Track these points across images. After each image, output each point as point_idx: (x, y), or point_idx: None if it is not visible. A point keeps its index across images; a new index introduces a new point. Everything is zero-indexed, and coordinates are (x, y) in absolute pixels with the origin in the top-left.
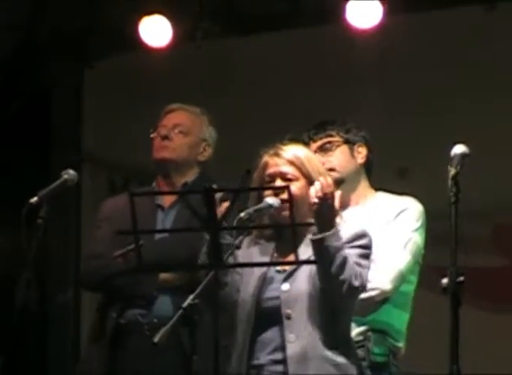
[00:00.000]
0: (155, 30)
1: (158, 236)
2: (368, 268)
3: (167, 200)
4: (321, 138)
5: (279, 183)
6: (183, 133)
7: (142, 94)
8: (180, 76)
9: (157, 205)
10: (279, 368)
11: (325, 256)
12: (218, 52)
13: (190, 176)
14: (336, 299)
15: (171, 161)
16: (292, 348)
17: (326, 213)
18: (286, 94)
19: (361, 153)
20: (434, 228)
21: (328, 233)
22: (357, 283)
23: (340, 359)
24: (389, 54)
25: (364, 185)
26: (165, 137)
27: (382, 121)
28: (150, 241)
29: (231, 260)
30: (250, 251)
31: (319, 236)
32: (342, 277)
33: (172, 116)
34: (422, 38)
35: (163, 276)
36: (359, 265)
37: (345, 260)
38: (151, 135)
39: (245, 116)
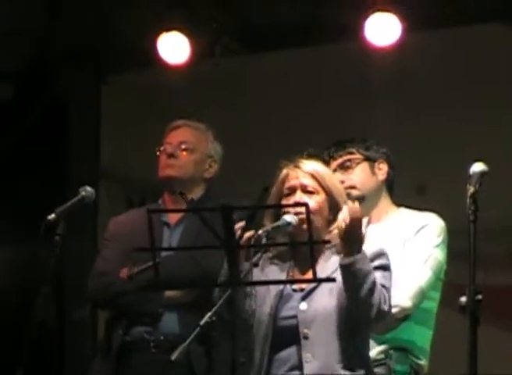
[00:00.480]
0: (173, 47)
1: (164, 254)
2: (390, 289)
3: (173, 217)
4: (341, 156)
5: (299, 195)
6: (188, 150)
7: (159, 110)
8: (198, 92)
9: (163, 222)
10: None
11: (354, 280)
12: (235, 69)
13: (197, 192)
14: (364, 323)
15: (177, 179)
16: (309, 368)
17: (354, 238)
18: (304, 110)
19: (382, 170)
20: (452, 246)
21: (357, 257)
22: (386, 307)
23: None
24: (407, 71)
25: (385, 202)
26: (171, 155)
27: (400, 138)
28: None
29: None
30: (265, 271)
31: (348, 260)
32: (371, 302)
33: (177, 133)
34: (440, 55)
35: (169, 293)
36: (384, 287)
37: (374, 284)
38: (157, 153)
39: (263, 132)
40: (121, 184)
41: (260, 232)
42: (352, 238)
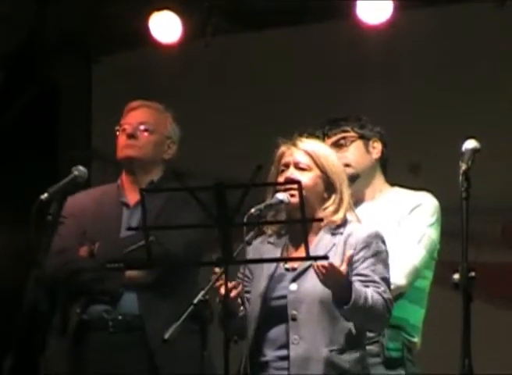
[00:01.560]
0: (165, 26)
1: (123, 234)
2: (389, 277)
3: (132, 198)
4: (335, 134)
5: (291, 170)
6: (148, 131)
7: (151, 91)
8: (189, 72)
9: (122, 202)
10: (285, 364)
11: (354, 317)
12: (227, 48)
13: (156, 174)
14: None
15: (137, 159)
16: (295, 350)
17: (335, 285)
18: (296, 90)
19: (376, 148)
20: (445, 224)
21: (349, 305)
22: (388, 315)
23: (344, 363)
24: (399, 49)
25: (379, 180)
26: (131, 136)
27: (393, 117)
28: (115, 238)
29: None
30: (260, 250)
31: (345, 309)
32: (376, 319)
33: (136, 114)
34: (432, 33)
35: (129, 273)
36: (386, 280)
37: (372, 306)
38: (116, 133)
39: (254, 112)
40: (114, 165)
41: (252, 210)
42: (334, 285)
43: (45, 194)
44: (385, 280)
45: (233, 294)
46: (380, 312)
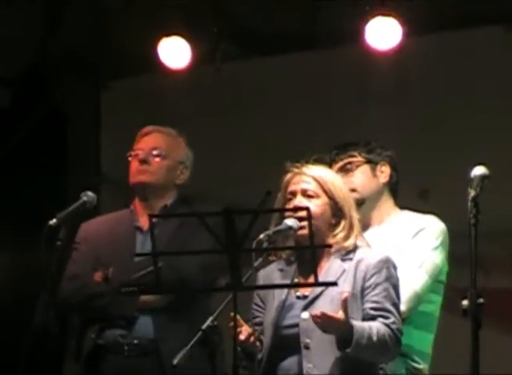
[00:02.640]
0: (174, 52)
1: (137, 259)
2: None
3: (145, 222)
4: (342, 159)
5: (298, 199)
6: (160, 156)
7: (160, 116)
8: (199, 97)
9: (135, 227)
10: None
11: (362, 354)
12: (236, 74)
13: (168, 198)
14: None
15: (149, 185)
16: None
17: (334, 331)
18: (306, 115)
19: (384, 172)
20: (454, 249)
21: (351, 348)
22: (399, 344)
23: None
24: (408, 75)
25: (387, 204)
26: (144, 161)
27: (402, 142)
28: (129, 263)
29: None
30: (271, 277)
31: (348, 351)
32: (383, 354)
33: (148, 139)
34: (441, 59)
35: (144, 297)
36: (395, 306)
37: (379, 342)
38: (129, 158)
39: (264, 137)
40: (123, 190)
41: (261, 236)
42: (334, 331)
43: (54, 220)
44: (396, 306)
45: (252, 340)
46: (387, 346)
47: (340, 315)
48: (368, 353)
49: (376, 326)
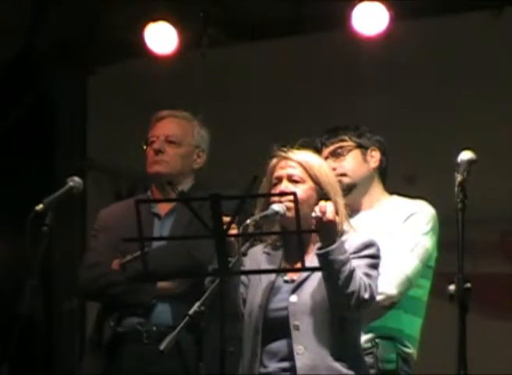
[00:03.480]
0: (160, 37)
1: (154, 245)
2: (377, 278)
3: (163, 208)
4: (333, 143)
5: (284, 184)
6: (175, 144)
7: (147, 101)
8: (185, 83)
9: (153, 213)
10: None
11: (331, 270)
12: (222, 59)
13: (186, 184)
14: (345, 311)
15: (166, 174)
16: (301, 360)
17: (326, 230)
18: (291, 101)
19: (374, 157)
20: (442, 235)
21: (331, 248)
22: (366, 295)
23: (349, 371)
24: (395, 60)
25: (377, 189)
26: (159, 151)
27: (389, 128)
28: (148, 249)
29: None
30: (257, 261)
31: (323, 250)
32: (349, 290)
33: (162, 125)
34: (428, 44)
35: (161, 284)
36: (368, 275)
37: (351, 273)
38: (144, 147)
39: (249, 122)
40: (109, 176)
41: (248, 221)
42: (325, 230)
43: (40, 205)
44: (368, 276)
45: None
46: (356, 286)
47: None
48: (338, 274)
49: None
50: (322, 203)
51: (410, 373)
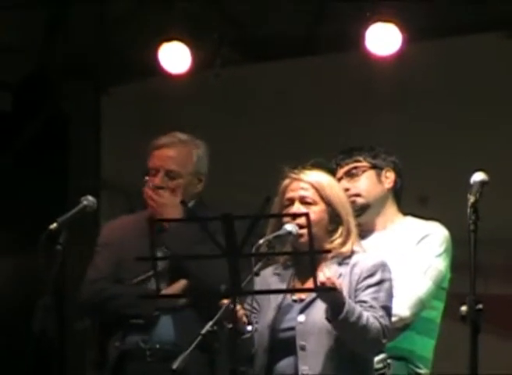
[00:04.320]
0: (174, 57)
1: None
2: (392, 306)
3: (166, 223)
4: (347, 164)
5: (296, 206)
6: (176, 177)
7: (160, 120)
8: (199, 102)
9: (158, 228)
10: None
11: (347, 331)
12: (236, 79)
13: (189, 202)
14: (367, 355)
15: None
16: None
17: (331, 298)
18: (305, 120)
19: (389, 178)
20: (454, 255)
21: (342, 315)
22: (384, 340)
23: None
24: (408, 81)
25: (391, 210)
26: (160, 187)
27: (402, 149)
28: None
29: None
30: (267, 281)
31: (337, 321)
32: (367, 340)
33: (162, 157)
34: (441, 65)
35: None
36: (386, 309)
37: (365, 326)
38: (146, 178)
39: (263, 142)
40: (123, 195)
41: (261, 241)
42: (330, 300)
43: (54, 224)
44: (386, 309)
45: (240, 313)
46: (374, 335)
47: (338, 283)
48: (354, 333)
49: (367, 314)
50: (320, 275)
51: None
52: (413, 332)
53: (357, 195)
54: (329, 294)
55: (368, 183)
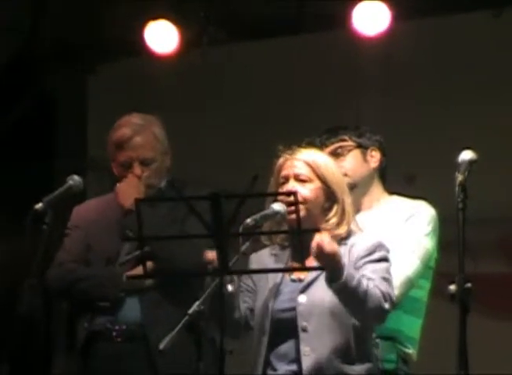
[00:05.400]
0: (161, 36)
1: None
2: (392, 280)
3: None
4: (332, 143)
5: (291, 184)
6: (150, 163)
7: (147, 101)
8: (186, 81)
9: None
10: None
11: (347, 297)
12: (223, 58)
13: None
14: (371, 324)
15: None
16: (307, 361)
17: (329, 262)
18: (292, 99)
19: (374, 157)
20: (441, 235)
21: (342, 280)
22: (387, 305)
23: (355, 373)
24: (395, 60)
25: (377, 189)
26: (140, 177)
27: (389, 128)
28: (119, 247)
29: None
30: (264, 263)
31: (335, 285)
32: (370, 306)
33: (133, 147)
34: (429, 44)
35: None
36: (386, 280)
37: (367, 291)
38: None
39: (251, 122)
40: (110, 175)
41: (248, 221)
42: (328, 263)
43: (40, 204)
44: (386, 280)
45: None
46: (375, 300)
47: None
48: (355, 298)
49: (366, 281)
50: (317, 237)
51: (408, 373)
52: (400, 311)
53: (344, 175)
54: (327, 257)
55: (354, 163)
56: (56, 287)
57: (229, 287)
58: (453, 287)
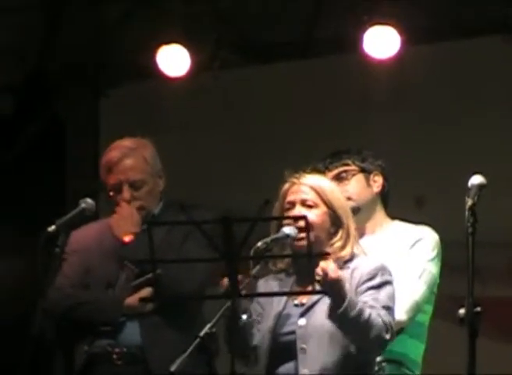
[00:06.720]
0: (173, 59)
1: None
2: (394, 308)
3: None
4: (336, 167)
5: (297, 209)
6: (141, 186)
7: (159, 123)
8: (197, 104)
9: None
10: None
11: (349, 326)
12: (235, 81)
13: (154, 207)
14: (370, 353)
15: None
16: None
17: (333, 288)
18: (303, 123)
19: (377, 182)
20: (451, 258)
21: (343, 308)
22: (387, 336)
23: None
24: (405, 84)
25: (380, 214)
26: (130, 201)
27: (399, 151)
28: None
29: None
30: (270, 286)
31: (337, 313)
32: (371, 337)
33: (122, 170)
34: (439, 68)
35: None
36: (387, 309)
37: (368, 320)
38: (110, 193)
39: (262, 144)
40: None
41: (259, 244)
42: (332, 289)
43: (52, 227)
44: (388, 309)
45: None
46: (377, 330)
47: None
48: (355, 328)
49: (369, 310)
50: (322, 263)
51: None
52: (405, 336)
53: (348, 199)
54: (331, 284)
55: (358, 187)
56: (56, 311)
57: (244, 317)
58: (462, 311)
